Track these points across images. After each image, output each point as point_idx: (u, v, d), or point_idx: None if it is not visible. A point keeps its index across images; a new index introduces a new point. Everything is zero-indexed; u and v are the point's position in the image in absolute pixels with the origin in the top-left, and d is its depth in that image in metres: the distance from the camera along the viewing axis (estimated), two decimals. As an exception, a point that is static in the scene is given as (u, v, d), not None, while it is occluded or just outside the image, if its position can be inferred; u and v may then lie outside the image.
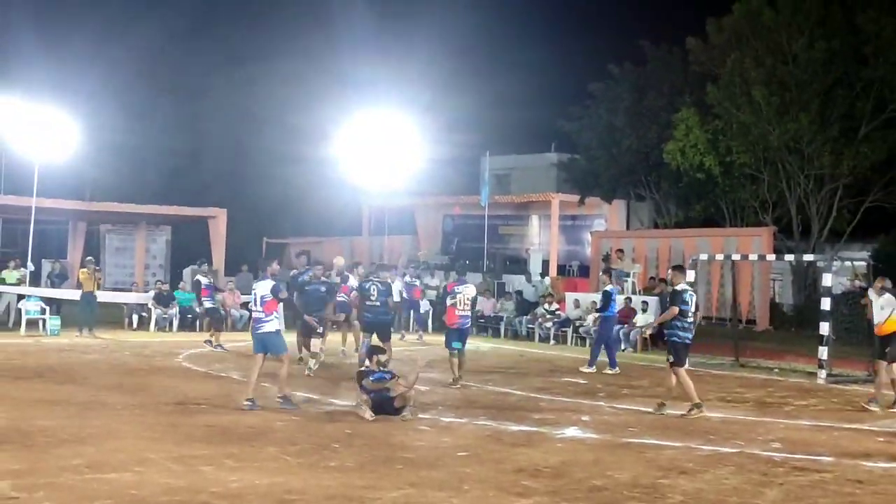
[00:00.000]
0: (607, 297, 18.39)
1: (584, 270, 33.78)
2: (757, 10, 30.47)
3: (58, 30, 42.64)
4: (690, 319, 12.68)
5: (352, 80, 42.42)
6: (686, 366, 12.78)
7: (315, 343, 15.98)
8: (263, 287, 12.23)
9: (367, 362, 12.37)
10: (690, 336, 12.74)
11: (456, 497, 7.75)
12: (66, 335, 21.43)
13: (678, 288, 12.82)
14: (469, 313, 15.47)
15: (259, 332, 12.18)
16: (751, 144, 30.23)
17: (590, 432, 10.98)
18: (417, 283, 25.32)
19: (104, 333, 22.03)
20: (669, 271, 14.09)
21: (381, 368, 12.01)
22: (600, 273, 21.27)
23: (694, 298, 12.87)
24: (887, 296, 14.01)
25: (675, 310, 12.55)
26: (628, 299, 23.93)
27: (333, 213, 43.95)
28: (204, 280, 22.36)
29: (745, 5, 30.75)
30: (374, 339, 14.93)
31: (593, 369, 17.58)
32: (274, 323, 12.20)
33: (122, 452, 8.99)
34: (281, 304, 12.47)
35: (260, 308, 12.17)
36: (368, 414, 11.30)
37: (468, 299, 15.22)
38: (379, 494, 7.76)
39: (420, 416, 11.64)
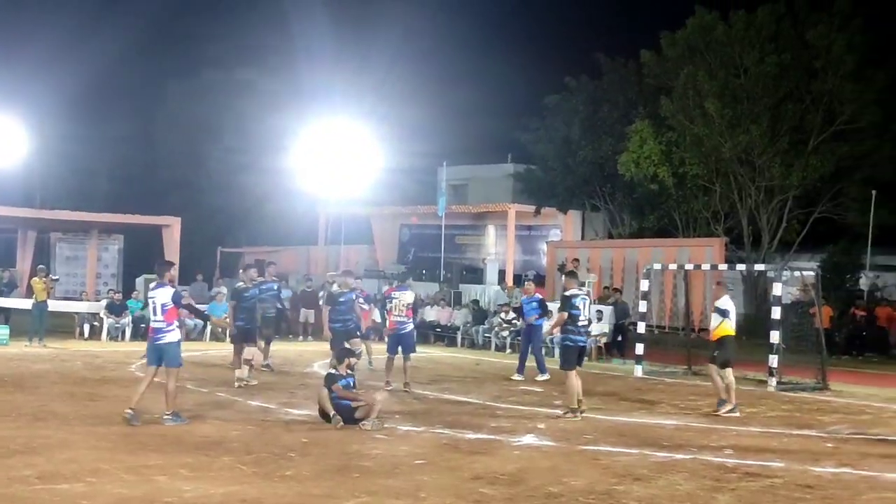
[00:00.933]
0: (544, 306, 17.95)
1: (541, 280, 33.95)
2: (710, 25, 31.04)
3: (8, 37, 42.15)
4: (582, 323, 12.97)
5: (309, 90, 42.38)
6: (577, 369, 13.02)
7: (249, 351, 15.57)
8: (163, 294, 11.34)
9: (337, 366, 12.14)
10: (583, 339, 13.11)
11: (412, 504, 7.77)
12: (15, 345, 21.10)
13: (567, 293, 13.14)
14: (406, 319, 15.44)
15: (159, 342, 11.27)
16: (703, 156, 30.69)
17: (546, 440, 11.04)
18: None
19: (55, 343, 21.74)
20: (564, 277, 14.14)
21: (349, 372, 11.95)
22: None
23: (586, 303, 13.17)
24: (724, 298, 14.30)
25: (565, 315, 12.92)
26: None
27: (290, 222, 43.80)
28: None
29: (699, 20, 31.31)
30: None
31: (522, 377, 17.45)
32: (175, 333, 11.41)
33: (73, 463, 8.87)
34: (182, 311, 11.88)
35: (161, 317, 11.30)
36: (341, 424, 11.23)
37: (404, 305, 15.27)
38: (335, 503, 7.75)
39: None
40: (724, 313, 14.27)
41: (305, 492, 8.09)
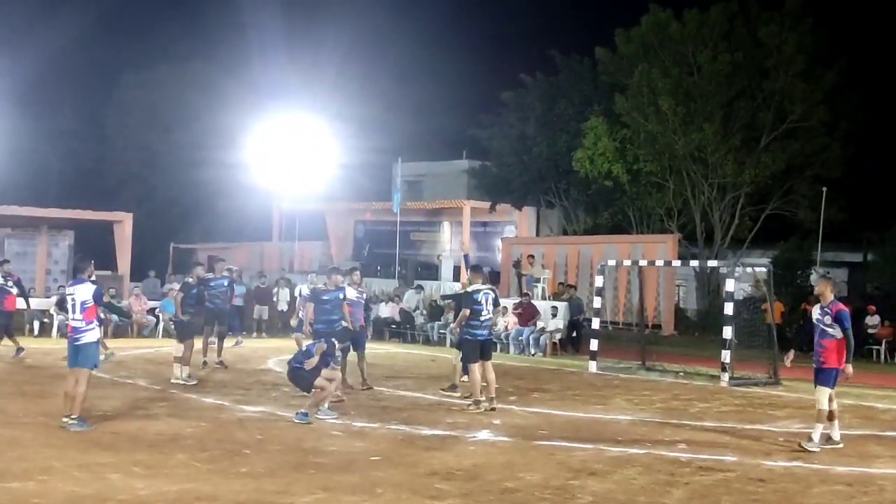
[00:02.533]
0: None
1: (496, 276, 34.03)
2: (664, 23, 31.27)
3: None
4: (484, 317, 13.10)
5: (263, 85, 42.12)
6: (479, 362, 13.07)
7: (178, 348, 15.32)
8: (83, 291, 10.80)
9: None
10: (484, 333, 13.21)
11: (369, 501, 7.75)
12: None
13: (469, 289, 13.34)
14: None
15: (78, 342, 10.72)
16: (657, 153, 30.93)
17: (501, 435, 11.07)
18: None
19: (3, 340, 21.31)
20: (469, 271, 14.03)
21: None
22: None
23: (489, 297, 13.22)
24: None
25: (467, 312, 13.10)
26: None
27: (243, 218, 43.48)
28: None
29: (653, 18, 31.54)
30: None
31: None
32: (95, 332, 10.89)
33: (24, 461, 8.74)
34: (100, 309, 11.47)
35: (80, 315, 10.73)
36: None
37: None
38: (291, 500, 7.71)
39: (332, 421, 11.59)
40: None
41: (261, 488, 8.03)
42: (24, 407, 11.98)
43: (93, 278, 11.24)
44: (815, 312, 11.10)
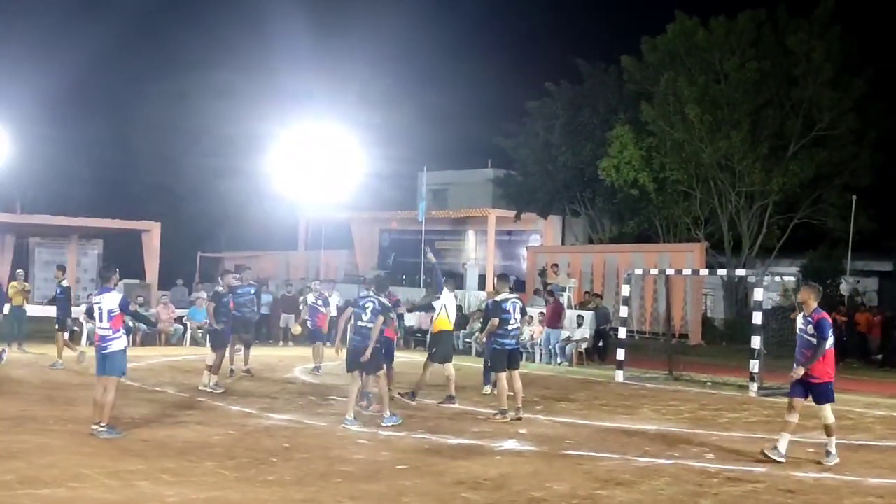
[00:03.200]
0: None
1: (521, 285, 33.97)
2: (691, 31, 31.18)
3: (-14, 40, 41.82)
4: (512, 326, 13.02)
5: (289, 94, 42.29)
6: (506, 371, 13.05)
7: (210, 357, 15.32)
8: (110, 300, 10.86)
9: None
10: (512, 342, 13.15)
11: (396, 510, 7.75)
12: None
13: (498, 298, 13.25)
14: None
15: (106, 350, 10.80)
16: (684, 161, 30.80)
17: (528, 445, 11.04)
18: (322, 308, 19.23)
19: (34, 348, 21.52)
20: (495, 280, 14.14)
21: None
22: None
23: (517, 306, 13.14)
24: (445, 292, 14.55)
25: (496, 321, 12.99)
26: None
27: (270, 227, 43.65)
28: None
29: (680, 25, 31.44)
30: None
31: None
32: (122, 340, 10.93)
33: (55, 468, 8.81)
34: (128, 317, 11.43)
35: (107, 324, 10.81)
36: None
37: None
38: (319, 508, 7.73)
39: (358, 430, 11.61)
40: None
41: (288, 497, 8.05)
42: (54, 414, 12.07)
43: (118, 287, 11.27)
44: (799, 321, 10.64)
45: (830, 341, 10.39)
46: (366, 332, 12.06)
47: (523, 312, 13.47)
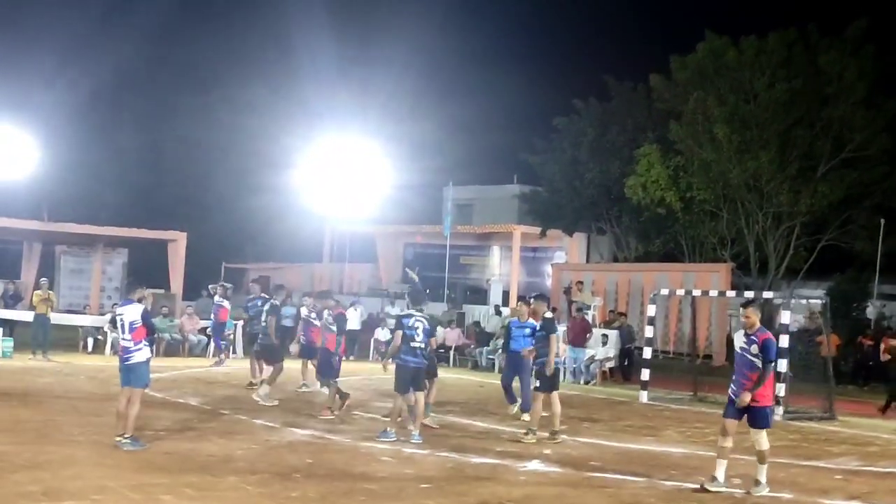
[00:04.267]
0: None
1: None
2: (721, 50, 30.99)
3: (17, 48, 42.27)
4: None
5: (316, 108, 42.47)
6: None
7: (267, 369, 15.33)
8: (132, 312, 10.96)
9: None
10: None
11: (420, 530, 7.69)
12: (19, 358, 21.00)
13: (548, 315, 13.35)
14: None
15: (128, 362, 10.92)
16: (711, 181, 30.62)
17: (552, 466, 10.95)
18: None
19: (58, 356, 21.63)
20: (533, 301, 14.22)
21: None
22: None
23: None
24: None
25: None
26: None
27: (295, 239, 43.79)
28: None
29: (710, 44, 31.27)
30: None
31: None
32: (144, 352, 10.97)
33: (79, 479, 8.82)
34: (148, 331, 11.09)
35: (129, 336, 10.93)
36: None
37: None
38: (342, 527, 7.68)
39: (383, 446, 11.57)
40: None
41: (311, 515, 8.02)
42: (79, 425, 12.09)
43: (142, 300, 11.24)
44: (739, 340, 10.14)
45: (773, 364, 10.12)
46: (420, 352, 12.17)
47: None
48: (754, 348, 9.88)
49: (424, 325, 12.21)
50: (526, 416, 14.12)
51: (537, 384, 12.88)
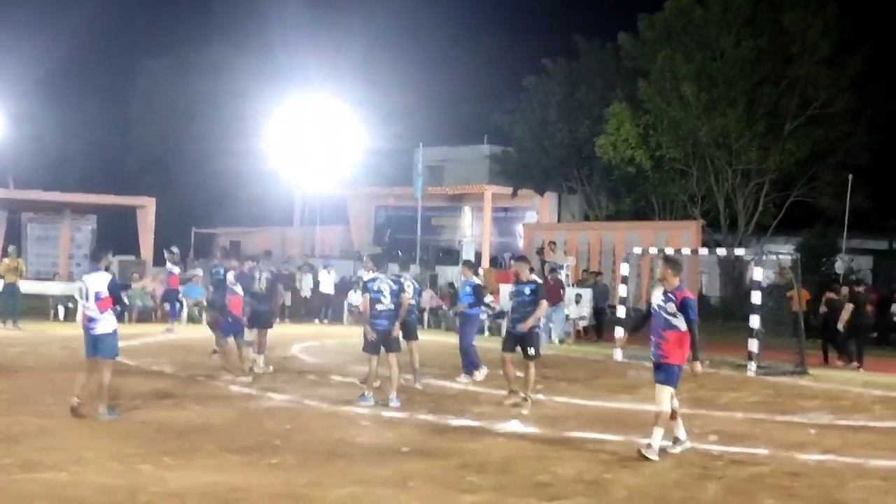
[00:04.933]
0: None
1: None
2: (688, 8, 31.05)
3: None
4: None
5: (285, 71, 42.06)
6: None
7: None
8: (98, 281, 10.61)
9: None
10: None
11: (402, 494, 7.69)
12: (-12, 327, 20.80)
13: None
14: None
15: (94, 332, 10.64)
16: (680, 139, 30.76)
17: (531, 426, 10.99)
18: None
19: (29, 325, 21.45)
20: (515, 263, 13.38)
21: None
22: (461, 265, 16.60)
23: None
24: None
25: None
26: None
27: (265, 203, 43.52)
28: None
29: (676, 3, 31.33)
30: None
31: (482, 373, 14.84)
32: (111, 322, 10.67)
33: (55, 451, 8.74)
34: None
35: (94, 305, 10.60)
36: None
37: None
38: (323, 492, 7.66)
39: (360, 411, 11.58)
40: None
41: (292, 481, 8.00)
42: (53, 395, 11.96)
43: (110, 268, 11.06)
44: (657, 298, 9.70)
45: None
46: (389, 314, 12.00)
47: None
48: (671, 306, 9.51)
49: (391, 286, 12.09)
50: (464, 379, 14.47)
51: (531, 352, 12.21)
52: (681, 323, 9.46)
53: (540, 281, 13.01)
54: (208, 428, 10.19)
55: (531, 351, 12.28)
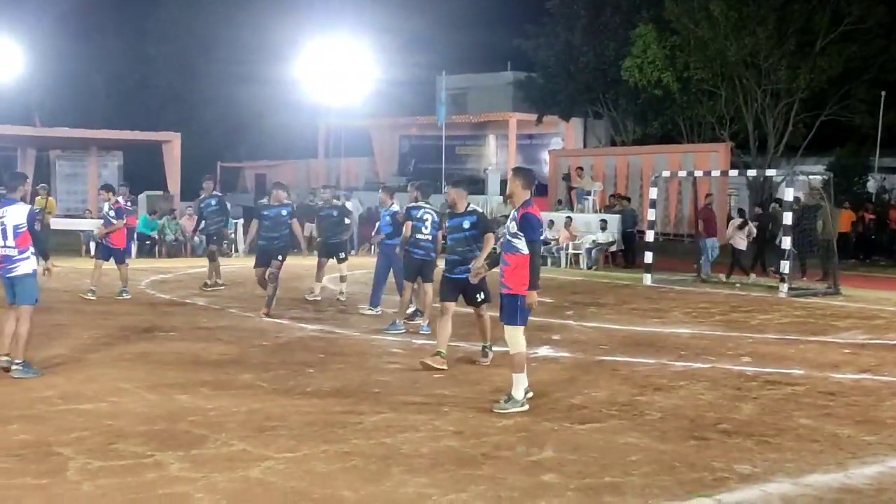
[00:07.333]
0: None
1: (543, 189, 33.72)
2: (717, -77, 30.14)
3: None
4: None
5: (307, 1, 41.54)
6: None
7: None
8: (17, 213, 9.18)
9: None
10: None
11: (437, 419, 7.72)
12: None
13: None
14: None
15: (12, 274, 9.20)
16: (708, 60, 30.22)
17: (562, 351, 11.01)
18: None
19: (61, 261, 21.56)
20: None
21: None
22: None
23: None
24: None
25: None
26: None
27: (289, 135, 43.41)
28: None
29: (704, -82, 30.40)
30: None
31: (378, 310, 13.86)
32: (31, 262, 9.29)
33: (93, 382, 8.84)
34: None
35: (12, 242, 9.14)
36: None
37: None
38: (359, 419, 7.70)
39: (390, 339, 11.63)
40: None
41: (328, 408, 8.04)
42: (88, 328, 12.10)
43: (26, 198, 10.07)
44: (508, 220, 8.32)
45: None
46: (426, 244, 11.80)
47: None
48: (513, 226, 8.04)
49: (433, 217, 11.84)
50: (369, 311, 13.69)
51: (480, 297, 10.30)
52: (522, 245, 7.99)
53: (480, 210, 10.92)
54: (242, 358, 10.27)
55: (480, 296, 10.23)
